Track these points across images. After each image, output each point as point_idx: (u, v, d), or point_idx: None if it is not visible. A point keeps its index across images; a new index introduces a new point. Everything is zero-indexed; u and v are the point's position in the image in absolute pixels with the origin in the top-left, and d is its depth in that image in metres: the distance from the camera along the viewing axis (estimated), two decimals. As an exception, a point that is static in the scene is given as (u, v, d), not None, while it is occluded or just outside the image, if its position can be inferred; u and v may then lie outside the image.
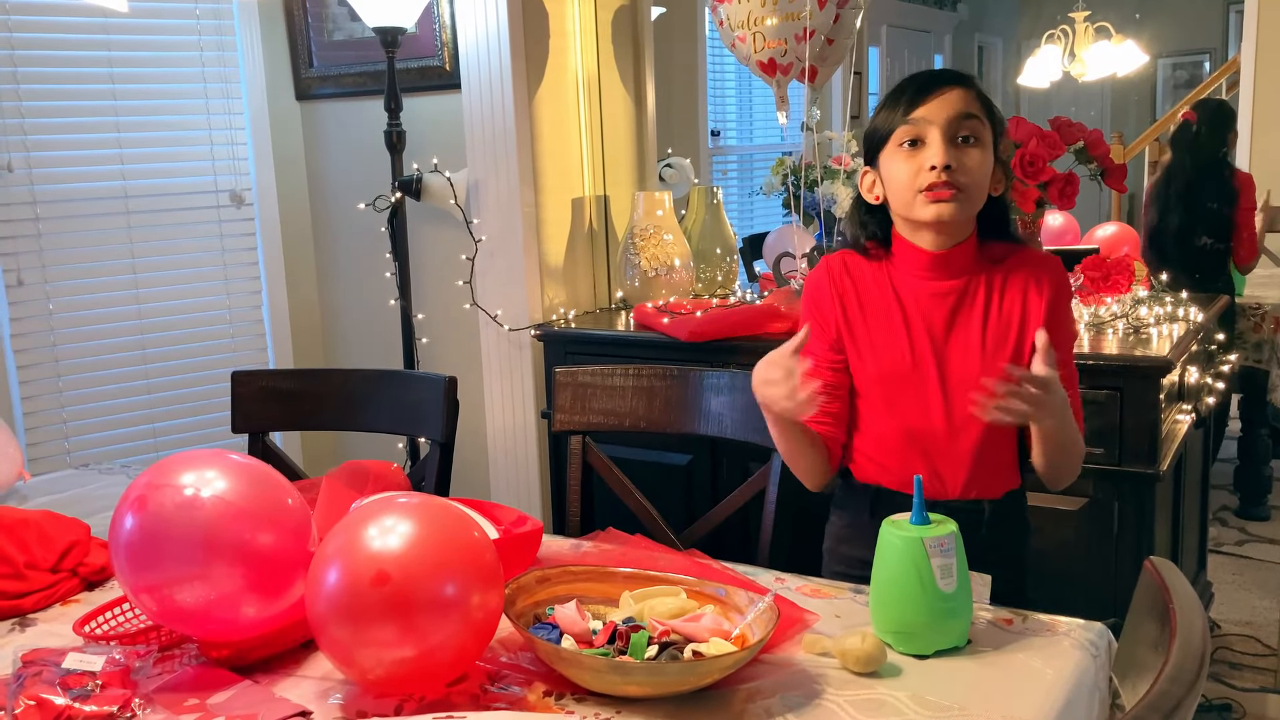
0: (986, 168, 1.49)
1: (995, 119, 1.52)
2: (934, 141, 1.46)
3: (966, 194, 1.48)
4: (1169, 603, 1.05)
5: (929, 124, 1.46)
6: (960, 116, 1.46)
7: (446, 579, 1.14)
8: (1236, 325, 3.57)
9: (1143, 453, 2.06)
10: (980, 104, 1.49)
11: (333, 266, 3.28)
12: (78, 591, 1.53)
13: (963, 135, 1.47)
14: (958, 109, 1.46)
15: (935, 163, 1.45)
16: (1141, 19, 6.81)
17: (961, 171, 1.46)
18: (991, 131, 1.50)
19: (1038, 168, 2.27)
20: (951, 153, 1.46)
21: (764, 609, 1.24)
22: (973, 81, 1.50)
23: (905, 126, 1.48)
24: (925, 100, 1.47)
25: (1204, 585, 2.90)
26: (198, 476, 1.21)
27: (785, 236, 3.21)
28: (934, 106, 1.46)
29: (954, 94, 1.47)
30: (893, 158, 1.50)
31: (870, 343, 1.55)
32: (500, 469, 2.89)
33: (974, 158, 1.47)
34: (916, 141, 1.48)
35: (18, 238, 2.81)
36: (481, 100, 2.74)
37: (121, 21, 2.91)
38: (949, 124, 1.46)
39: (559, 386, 1.96)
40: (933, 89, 1.47)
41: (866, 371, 1.55)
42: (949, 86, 1.47)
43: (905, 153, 1.48)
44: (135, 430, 3.03)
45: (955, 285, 1.53)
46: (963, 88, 1.48)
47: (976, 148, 1.47)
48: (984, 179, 1.49)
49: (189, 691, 1.21)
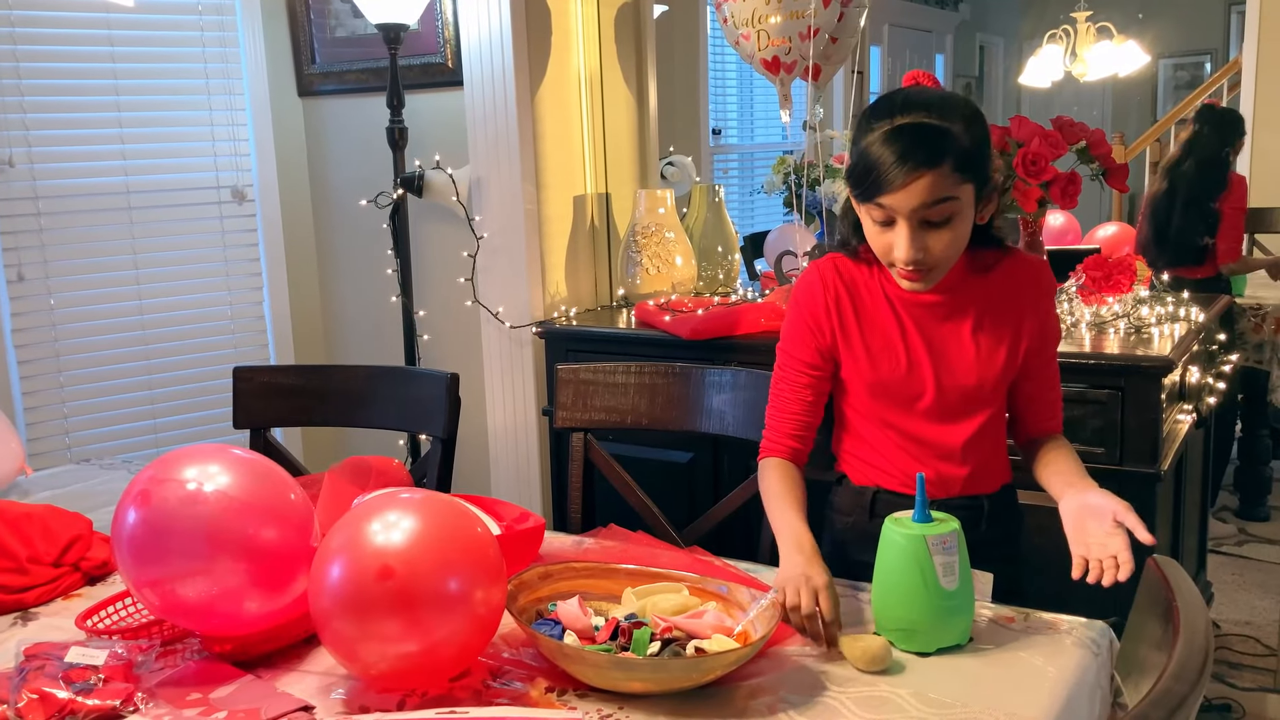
0: (960, 237, 1.43)
1: (979, 166, 1.41)
2: (901, 232, 1.40)
3: (938, 269, 1.44)
4: (1173, 600, 1.05)
5: (897, 212, 1.39)
6: (928, 204, 1.37)
7: (450, 574, 1.14)
8: (1237, 326, 3.57)
9: (1144, 452, 2.06)
10: (958, 173, 1.37)
11: (334, 263, 3.28)
12: (80, 586, 1.53)
13: (933, 219, 1.39)
14: (927, 198, 1.36)
15: (900, 257, 1.41)
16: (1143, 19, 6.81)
17: (929, 255, 1.41)
18: (975, 185, 1.41)
19: (1040, 167, 2.27)
20: (919, 240, 1.39)
21: (766, 606, 1.24)
22: (949, 151, 1.36)
23: (875, 207, 1.40)
24: (894, 189, 1.36)
25: (1204, 585, 2.90)
26: (201, 471, 1.21)
27: (786, 235, 3.22)
28: (902, 196, 1.37)
29: (925, 181, 1.35)
30: (866, 220, 1.45)
31: (866, 348, 1.54)
32: (502, 466, 2.89)
33: (943, 239, 1.41)
34: (887, 221, 1.42)
35: (19, 232, 2.81)
36: (484, 97, 2.74)
37: (124, 16, 2.91)
38: (916, 212, 1.38)
39: (561, 384, 1.96)
40: (904, 173, 1.35)
41: (862, 377, 1.54)
42: (921, 172, 1.35)
43: (877, 227, 1.43)
44: (136, 426, 3.03)
45: (947, 297, 1.52)
46: (937, 169, 1.35)
47: (947, 228, 1.40)
48: (957, 247, 1.44)
49: (191, 686, 1.21)
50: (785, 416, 1.58)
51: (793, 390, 1.58)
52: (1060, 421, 1.60)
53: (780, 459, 1.58)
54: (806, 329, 1.56)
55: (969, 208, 1.42)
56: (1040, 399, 1.57)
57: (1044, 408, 1.58)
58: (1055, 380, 1.59)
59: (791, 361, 1.58)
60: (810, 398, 1.57)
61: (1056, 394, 1.59)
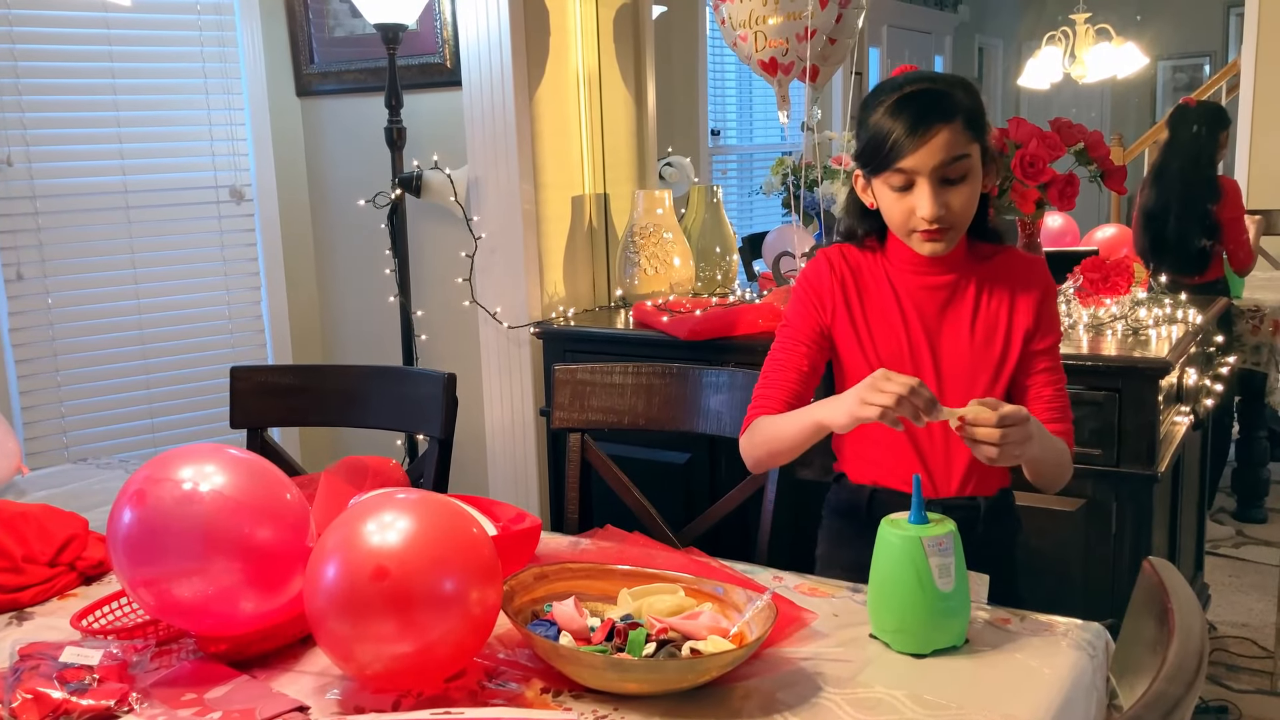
0: (975, 195, 1.49)
1: (983, 129, 1.49)
2: (923, 190, 1.45)
3: (957, 229, 1.50)
4: (1168, 603, 1.05)
5: (917, 173, 1.45)
6: (948, 161, 1.44)
7: (445, 575, 1.14)
8: (1235, 328, 3.57)
9: (1141, 454, 2.06)
10: (968, 131, 1.45)
11: (332, 263, 3.28)
12: (75, 585, 1.53)
13: (951, 176, 1.46)
14: (945, 155, 1.43)
15: (925, 214, 1.46)
16: (1142, 21, 6.81)
17: (950, 212, 1.47)
18: (980, 148, 1.48)
19: (1038, 169, 2.27)
20: (940, 198, 1.45)
21: (762, 607, 1.24)
22: (958, 109, 1.45)
23: (894, 173, 1.46)
24: (913, 148, 1.43)
25: (1201, 587, 2.91)
26: (197, 471, 1.21)
27: (785, 236, 3.22)
28: (922, 155, 1.43)
29: (941, 137, 1.43)
30: (883, 191, 1.50)
31: (869, 331, 1.57)
32: (499, 466, 2.89)
33: (962, 195, 1.47)
34: (906, 185, 1.47)
35: (17, 232, 2.81)
36: (482, 97, 2.74)
37: (122, 16, 2.91)
38: (936, 170, 1.44)
39: (558, 384, 1.96)
40: (920, 133, 1.42)
41: (864, 358, 1.56)
42: (937, 128, 1.43)
43: (896, 194, 1.48)
44: (133, 425, 3.03)
45: (948, 280, 1.56)
46: (950, 124, 1.43)
47: (965, 184, 1.47)
48: (973, 206, 1.50)
49: (186, 686, 1.21)
50: (780, 383, 1.58)
51: (789, 358, 1.58)
52: (1066, 424, 1.56)
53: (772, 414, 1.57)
54: (811, 305, 1.59)
55: (979, 168, 1.48)
56: (1039, 395, 1.56)
57: (1043, 404, 1.55)
58: (1055, 378, 1.57)
59: (792, 333, 1.59)
60: (806, 368, 1.58)
61: (1055, 390, 1.56)
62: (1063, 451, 1.52)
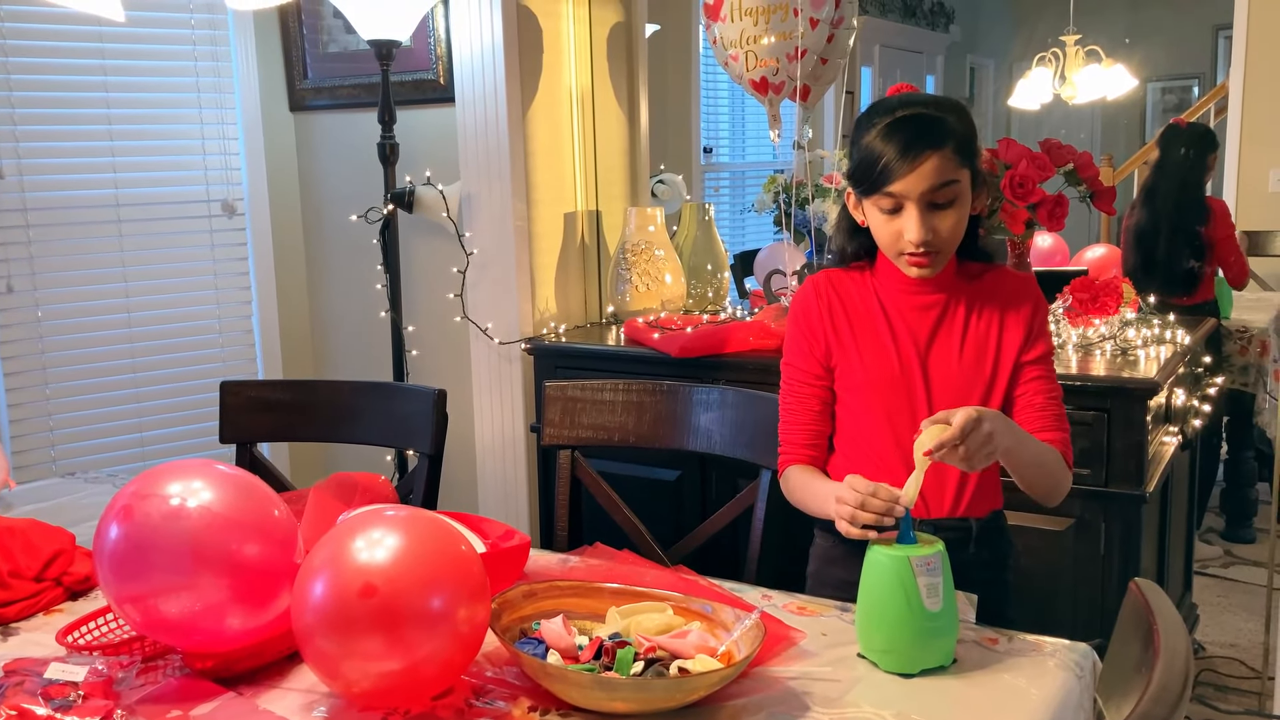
0: (963, 219, 1.51)
1: (973, 154, 1.50)
2: (910, 215, 1.47)
3: (944, 253, 1.51)
4: (1153, 624, 1.05)
5: (906, 197, 1.46)
6: (937, 187, 1.45)
7: (433, 592, 1.14)
8: (1223, 348, 3.59)
9: (1130, 474, 2.07)
10: (958, 156, 1.46)
11: (324, 278, 3.28)
12: (61, 601, 1.52)
13: (939, 201, 1.47)
14: (934, 181, 1.45)
15: (912, 239, 1.47)
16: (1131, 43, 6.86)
17: (938, 237, 1.48)
18: (970, 172, 1.49)
19: (1027, 189, 2.28)
20: (928, 222, 1.47)
21: (750, 626, 1.24)
22: (949, 135, 1.46)
23: (883, 196, 1.48)
24: (903, 173, 1.44)
25: (1189, 607, 2.91)
26: (184, 486, 1.21)
27: (776, 254, 3.22)
28: (911, 180, 1.45)
29: (931, 163, 1.44)
30: (873, 213, 1.52)
31: (859, 351, 1.58)
32: (489, 483, 2.89)
33: (950, 220, 1.48)
34: (895, 209, 1.49)
35: (8, 244, 2.80)
36: (475, 114, 2.75)
37: (116, 30, 2.91)
38: (925, 196, 1.46)
39: (549, 400, 1.96)
40: (910, 159, 1.44)
41: (855, 380, 1.57)
42: (927, 154, 1.44)
43: (885, 216, 1.50)
44: (122, 439, 3.02)
45: (938, 299, 1.57)
46: (940, 151, 1.44)
47: (953, 209, 1.48)
48: (961, 230, 1.51)
49: (172, 703, 1.20)
50: (797, 427, 1.62)
51: (800, 401, 1.62)
52: (1059, 433, 1.54)
53: (801, 464, 1.61)
54: (804, 340, 1.61)
55: (968, 193, 1.50)
56: (1030, 404, 1.55)
57: (1033, 412, 1.54)
58: (1047, 386, 1.55)
59: (795, 374, 1.63)
60: (817, 406, 1.62)
61: (1046, 399, 1.55)
62: (1049, 454, 1.50)
